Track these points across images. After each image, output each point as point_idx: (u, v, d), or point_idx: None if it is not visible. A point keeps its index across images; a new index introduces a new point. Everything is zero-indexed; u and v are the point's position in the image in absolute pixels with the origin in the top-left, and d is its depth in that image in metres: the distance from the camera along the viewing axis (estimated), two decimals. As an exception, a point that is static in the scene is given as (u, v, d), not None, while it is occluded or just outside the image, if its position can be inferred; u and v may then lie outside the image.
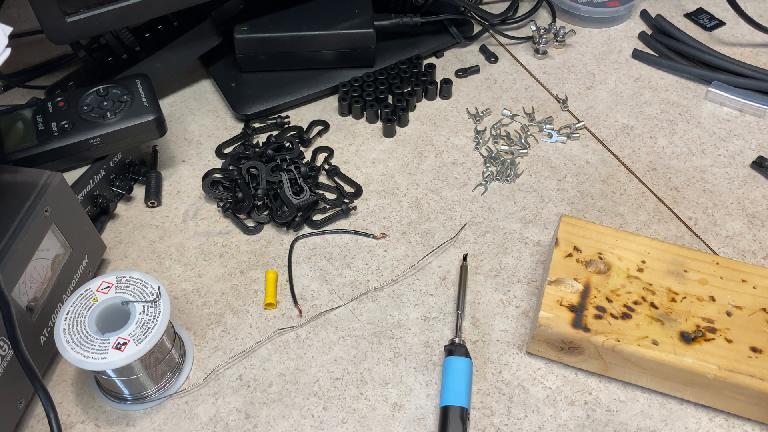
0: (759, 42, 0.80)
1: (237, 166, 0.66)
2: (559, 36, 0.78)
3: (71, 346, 0.46)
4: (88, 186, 0.59)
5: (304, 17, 0.71)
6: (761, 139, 0.69)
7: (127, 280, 0.50)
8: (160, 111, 0.61)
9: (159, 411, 0.51)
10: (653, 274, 0.52)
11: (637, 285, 0.52)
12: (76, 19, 0.60)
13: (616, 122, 0.71)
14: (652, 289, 0.51)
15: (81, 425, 0.51)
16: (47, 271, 0.51)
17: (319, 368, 0.53)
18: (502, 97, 0.74)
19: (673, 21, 0.80)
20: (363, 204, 0.64)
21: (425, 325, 0.56)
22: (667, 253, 0.53)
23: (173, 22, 0.72)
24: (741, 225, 0.62)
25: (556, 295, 0.51)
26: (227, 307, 0.57)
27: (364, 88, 0.72)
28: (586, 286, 0.51)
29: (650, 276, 0.52)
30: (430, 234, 0.62)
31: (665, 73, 0.77)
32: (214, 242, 0.62)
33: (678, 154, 0.68)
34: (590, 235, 0.54)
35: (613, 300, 0.51)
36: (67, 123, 0.58)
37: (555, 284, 0.51)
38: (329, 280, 0.59)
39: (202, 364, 0.54)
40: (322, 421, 0.51)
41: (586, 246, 0.54)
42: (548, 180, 0.66)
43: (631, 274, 0.52)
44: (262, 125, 0.71)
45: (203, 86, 0.76)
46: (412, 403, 0.51)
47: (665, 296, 0.51)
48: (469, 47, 0.80)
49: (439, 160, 0.68)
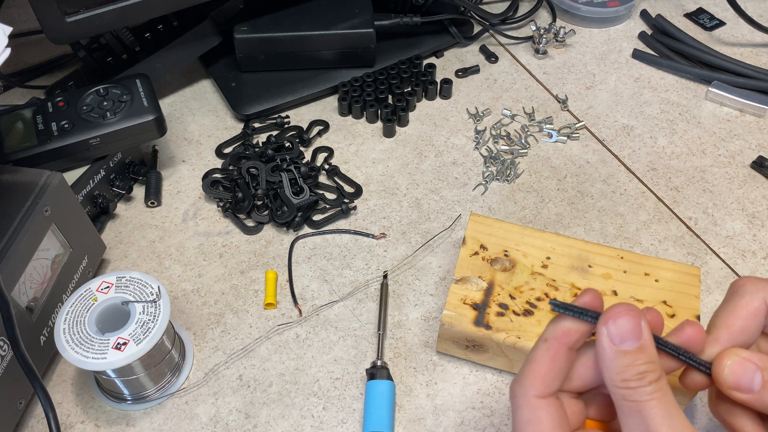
0: (759, 42, 0.80)
1: (237, 166, 0.66)
2: (559, 36, 0.78)
3: (71, 346, 0.46)
4: (88, 186, 0.59)
5: (304, 17, 0.71)
6: (761, 139, 0.69)
7: (127, 280, 0.50)
8: (160, 111, 0.61)
9: (159, 411, 0.51)
10: (557, 270, 0.52)
11: (540, 281, 0.52)
12: (76, 19, 0.60)
13: (616, 122, 0.71)
14: (556, 285, 0.51)
15: (81, 425, 0.51)
16: (47, 271, 0.51)
17: (319, 368, 0.53)
18: (502, 97, 0.74)
19: (673, 21, 0.80)
20: (363, 204, 0.64)
21: (425, 325, 0.56)
22: (572, 248, 0.53)
23: (173, 22, 0.72)
24: (741, 225, 0.62)
25: (461, 293, 0.51)
26: (227, 307, 0.57)
27: (364, 88, 0.72)
28: (490, 284, 0.51)
29: (554, 272, 0.52)
30: (430, 234, 0.62)
31: (665, 73, 0.77)
32: (214, 242, 0.62)
33: (678, 154, 0.68)
34: (497, 233, 0.54)
35: (517, 297, 0.51)
36: (67, 123, 0.58)
37: (460, 283, 0.52)
38: (329, 280, 0.59)
39: (202, 364, 0.54)
40: (322, 421, 0.51)
41: (493, 244, 0.54)
42: (548, 180, 0.66)
43: (535, 271, 0.52)
44: (262, 125, 0.71)
45: (203, 86, 0.76)
46: (412, 403, 0.51)
47: (568, 291, 0.51)
48: (469, 47, 0.80)
49: (439, 160, 0.68)
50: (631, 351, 0.33)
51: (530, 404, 0.35)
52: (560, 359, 0.35)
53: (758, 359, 0.36)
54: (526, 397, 0.35)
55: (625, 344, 0.33)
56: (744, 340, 0.39)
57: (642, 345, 0.33)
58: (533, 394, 0.35)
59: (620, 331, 0.33)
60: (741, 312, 0.38)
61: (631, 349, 0.33)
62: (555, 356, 0.35)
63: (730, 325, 0.38)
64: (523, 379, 0.35)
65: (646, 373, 0.33)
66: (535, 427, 0.34)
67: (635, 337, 0.33)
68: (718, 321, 0.39)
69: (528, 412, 0.35)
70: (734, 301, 0.39)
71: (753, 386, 0.36)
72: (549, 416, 0.34)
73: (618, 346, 0.33)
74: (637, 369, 0.33)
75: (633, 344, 0.33)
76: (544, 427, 0.34)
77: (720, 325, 0.39)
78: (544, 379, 0.35)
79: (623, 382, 0.33)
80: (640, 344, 0.33)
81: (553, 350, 0.35)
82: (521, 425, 0.35)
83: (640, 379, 0.32)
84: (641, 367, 0.33)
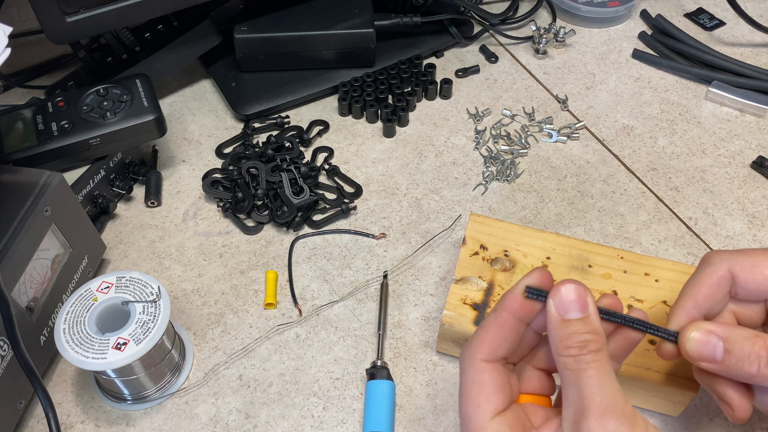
0: (759, 42, 0.80)
1: (237, 166, 0.66)
2: (559, 36, 0.78)
3: (71, 346, 0.46)
4: (88, 186, 0.59)
5: (304, 17, 0.71)
6: (761, 139, 0.69)
7: (127, 280, 0.50)
8: (160, 111, 0.61)
9: (159, 411, 0.51)
10: (558, 269, 0.52)
11: None
12: (76, 19, 0.60)
13: (616, 122, 0.71)
14: None
15: (81, 425, 0.51)
16: (47, 271, 0.51)
17: (319, 368, 0.53)
18: (502, 97, 0.74)
19: (673, 21, 0.80)
20: (363, 204, 0.64)
21: (425, 325, 0.56)
22: (572, 248, 0.53)
23: (173, 22, 0.72)
24: (741, 225, 0.62)
25: (461, 293, 0.51)
26: (227, 307, 0.57)
27: (364, 88, 0.72)
28: (490, 284, 0.51)
29: (554, 272, 0.52)
30: (430, 234, 0.62)
31: (665, 73, 0.77)
32: (214, 242, 0.62)
33: (678, 154, 0.68)
34: (497, 232, 0.54)
35: None
36: (67, 123, 0.58)
37: (460, 283, 0.52)
38: (329, 280, 0.59)
39: (202, 364, 0.54)
40: (322, 421, 0.51)
41: (493, 244, 0.54)
42: (548, 180, 0.66)
43: None
44: (262, 125, 0.71)
45: (203, 86, 0.76)
46: (412, 403, 0.51)
47: None
48: (469, 47, 0.80)
49: (439, 160, 0.68)
50: (575, 320, 0.35)
51: (475, 366, 0.37)
52: (507, 328, 0.37)
53: (720, 330, 0.38)
54: (472, 359, 0.37)
55: (570, 314, 0.35)
56: (709, 307, 0.41)
57: (587, 316, 0.35)
58: (479, 357, 0.37)
59: (565, 301, 0.35)
60: (706, 281, 0.41)
61: (574, 319, 0.35)
62: (503, 324, 0.37)
63: (696, 294, 0.41)
64: (471, 343, 0.37)
65: (587, 342, 0.34)
66: (478, 387, 0.36)
67: (580, 309, 0.35)
68: (685, 291, 0.41)
69: (473, 373, 0.37)
70: (700, 271, 0.42)
71: (716, 356, 0.38)
72: (492, 379, 0.36)
73: (563, 316, 0.35)
74: (579, 338, 0.34)
75: (577, 314, 0.35)
76: (487, 388, 0.36)
77: (686, 295, 0.41)
78: (491, 344, 0.37)
79: (566, 350, 0.34)
80: (585, 316, 0.35)
81: (501, 319, 0.37)
82: (466, 385, 0.37)
83: (581, 348, 0.34)
84: (583, 336, 0.34)
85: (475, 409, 0.36)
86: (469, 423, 0.36)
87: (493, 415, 0.35)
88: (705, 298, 0.40)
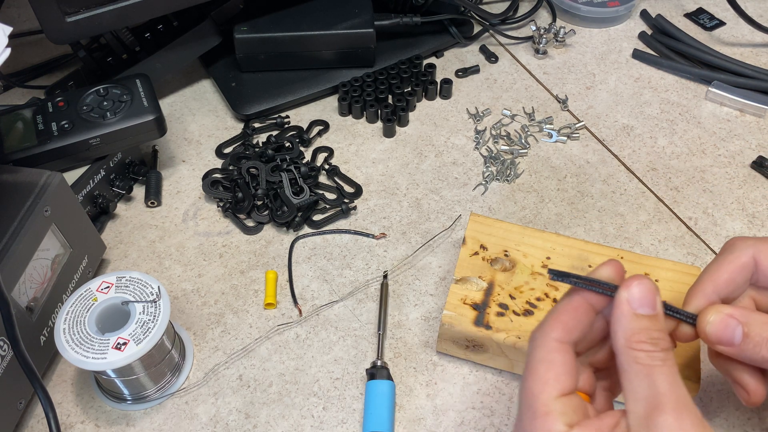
0: (759, 42, 0.80)
1: (237, 166, 0.66)
2: (559, 36, 0.78)
3: (71, 346, 0.46)
4: (88, 186, 0.59)
5: (304, 17, 0.71)
6: (761, 139, 0.69)
7: (127, 280, 0.50)
8: (160, 111, 0.61)
9: (159, 411, 0.51)
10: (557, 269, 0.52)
11: (540, 281, 0.52)
12: (76, 19, 0.60)
13: (616, 122, 0.71)
14: (556, 285, 0.51)
15: (81, 425, 0.51)
16: (47, 271, 0.51)
17: (319, 368, 0.53)
18: (502, 97, 0.74)
19: (673, 21, 0.80)
20: (363, 204, 0.64)
21: (425, 325, 0.56)
22: (572, 248, 0.53)
23: (173, 22, 0.72)
24: (741, 225, 0.62)
25: (461, 293, 0.51)
26: (227, 307, 0.57)
27: (364, 88, 0.72)
28: (490, 284, 0.51)
29: None
30: (430, 234, 0.62)
31: (665, 73, 0.77)
32: (214, 242, 0.62)
33: (678, 154, 0.68)
34: (497, 232, 0.54)
35: (517, 297, 0.51)
36: (67, 123, 0.58)
37: (460, 283, 0.52)
38: (329, 280, 0.59)
39: (202, 364, 0.54)
40: (322, 421, 0.51)
41: (493, 244, 0.54)
42: (548, 180, 0.66)
43: (535, 271, 0.52)
44: (262, 125, 0.71)
45: (203, 86, 0.76)
46: (412, 403, 0.51)
47: None
48: (469, 47, 0.80)
49: (439, 160, 0.68)
50: (647, 316, 0.35)
51: (547, 345, 0.36)
52: (581, 311, 0.37)
53: (740, 314, 0.38)
54: (545, 338, 0.36)
55: (642, 309, 0.35)
56: (729, 292, 0.41)
57: (657, 314, 0.35)
58: (553, 336, 0.36)
59: (640, 296, 0.35)
60: (728, 266, 0.41)
61: (646, 314, 0.35)
62: (577, 307, 0.37)
63: (717, 278, 0.41)
64: (544, 322, 0.37)
65: (659, 340, 0.34)
66: (547, 366, 0.36)
67: (651, 306, 0.35)
68: (705, 274, 0.41)
69: (544, 352, 0.36)
70: (723, 256, 0.42)
71: (734, 340, 0.38)
72: (563, 359, 0.36)
73: (636, 310, 0.35)
74: (651, 334, 0.34)
75: (649, 311, 0.35)
76: (557, 368, 0.36)
77: (707, 278, 0.41)
78: (566, 324, 0.36)
79: (638, 344, 0.34)
80: (656, 313, 0.35)
81: (575, 302, 0.37)
82: (534, 364, 0.36)
83: (654, 344, 0.34)
84: (655, 333, 0.34)
85: (541, 386, 0.35)
86: (534, 400, 0.35)
87: (559, 395, 0.35)
88: (726, 283, 0.41)
